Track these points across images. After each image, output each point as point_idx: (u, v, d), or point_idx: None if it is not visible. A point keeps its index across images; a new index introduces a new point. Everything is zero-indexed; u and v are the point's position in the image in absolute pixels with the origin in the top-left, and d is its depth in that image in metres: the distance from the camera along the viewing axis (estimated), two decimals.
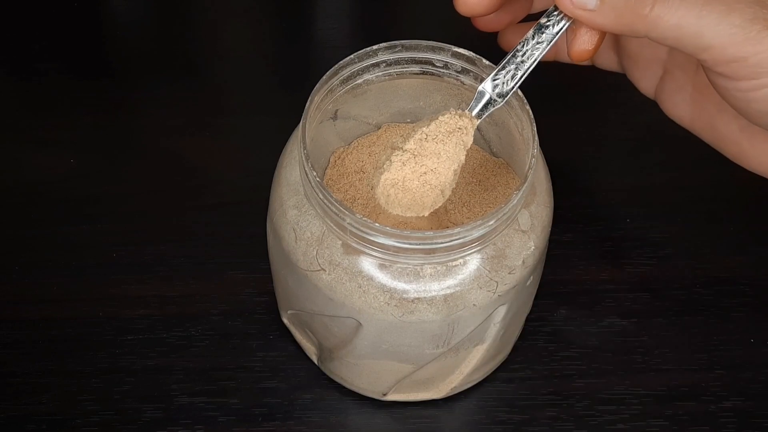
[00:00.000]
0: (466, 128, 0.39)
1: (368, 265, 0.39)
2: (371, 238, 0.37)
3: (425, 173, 0.39)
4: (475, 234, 0.37)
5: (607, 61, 0.45)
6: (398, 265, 0.38)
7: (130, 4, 0.64)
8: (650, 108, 0.51)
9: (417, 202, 0.39)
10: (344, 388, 0.47)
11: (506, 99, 0.39)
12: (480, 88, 0.39)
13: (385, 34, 0.63)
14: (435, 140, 0.39)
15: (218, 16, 0.63)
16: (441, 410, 0.47)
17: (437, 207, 0.39)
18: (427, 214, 0.39)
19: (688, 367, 0.48)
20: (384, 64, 0.41)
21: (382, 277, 0.39)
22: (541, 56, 0.39)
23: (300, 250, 0.40)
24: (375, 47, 0.41)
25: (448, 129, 0.39)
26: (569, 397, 0.47)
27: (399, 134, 0.43)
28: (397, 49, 0.41)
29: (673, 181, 0.55)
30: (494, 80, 0.39)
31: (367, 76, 0.41)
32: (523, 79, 0.39)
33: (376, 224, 0.36)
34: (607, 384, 0.48)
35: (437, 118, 0.39)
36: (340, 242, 0.39)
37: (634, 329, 0.49)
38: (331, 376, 0.47)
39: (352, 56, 0.41)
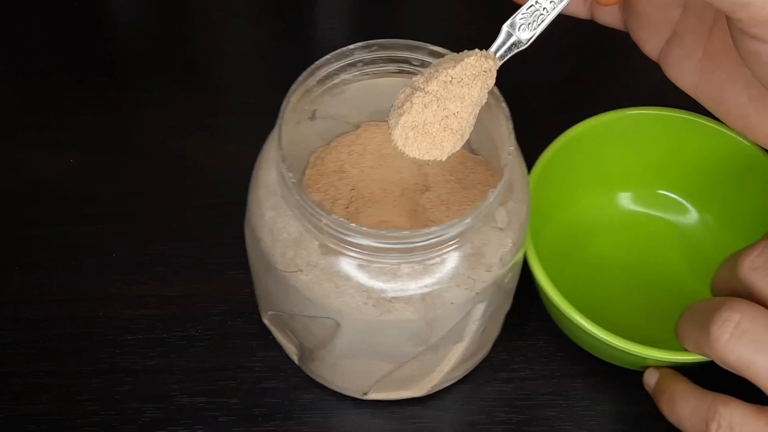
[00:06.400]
0: (490, 70, 0.37)
1: (345, 265, 0.38)
2: (348, 239, 0.37)
3: (447, 117, 0.37)
4: (452, 233, 0.37)
5: (611, 18, 0.43)
6: (375, 265, 0.38)
7: (130, 4, 0.64)
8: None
9: (436, 146, 0.38)
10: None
11: (531, 41, 0.37)
12: (505, 27, 0.37)
13: (385, 34, 0.63)
14: (460, 83, 0.37)
15: (218, 16, 0.63)
16: (442, 411, 0.47)
17: (455, 151, 0.38)
18: (445, 158, 0.38)
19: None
20: (361, 64, 0.41)
21: (360, 277, 0.38)
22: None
23: (278, 251, 0.39)
24: (351, 47, 0.40)
25: (474, 72, 0.37)
26: (569, 397, 0.47)
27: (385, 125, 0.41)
28: (373, 49, 0.41)
29: None
30: (520, 18, 0.37)
31: (344, 76, 0.41)
32: (551, 20, 0.37)
33: (353, 224, 0.36)
34: (607, 384, 0.48)
35: (462, 60, 0.37)
36: (317, 243, 0.38)
37: None
38: (312, 377, 0.47)
39: (328, 56, 0.40)
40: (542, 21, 0.37)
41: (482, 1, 0.63)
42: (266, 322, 0.47)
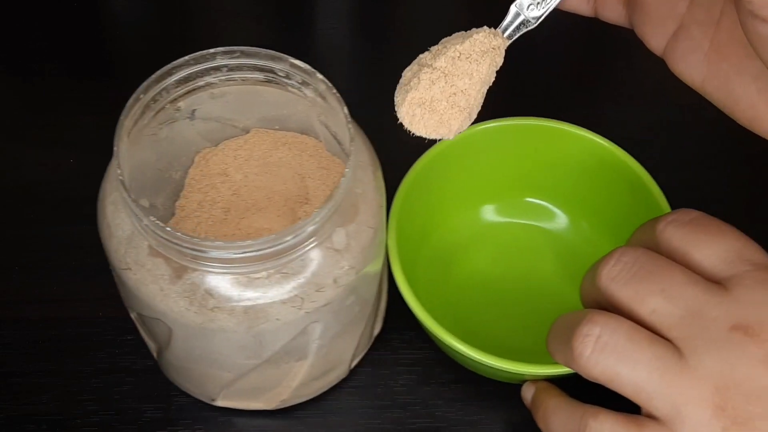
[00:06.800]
0: (499, 48, 0.37)
1: (169, 269, 0.38)
2: (167, 243, 0.36)
3: (455, 94, 0.36)
4: (270, 249, 0.36)
5: (615, 14, 0.42)
6: (198, 272, 0.38)
7: (130, 4, 0.64)
8: (650, 108, 0.51)
9: (443, 124, 0.37)
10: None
11: (540, 21, 0.37)
12: (513, 6, 0.37)
13: (384, 34, 0.63)
14: (469, 59, 0.36)
15: (218, 16, 0.63)
16: (450, 411, 0.47)
17: (463, 130, 0.37)
18: (452, 137, 0.37)
19: None
20: (226, 69, 0.41)
21: (183, 283, 0.38)
22: None
23: (112, 247, 0.39)
24: (212, 50, 0.41)
25: (482, 48, 0.36)
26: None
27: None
28: (235, 55, 0.41)
29: (673, 181, 0.55)
30: None
31: (209, 79, 0.41)
32: (557, 2, 0.37)
33: (168, 228, 0.36)
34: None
35: (471, 36, 0.36)
36: (147, 243, 0.38)
37: None
38: (168, 377, 0.46)
39: (187, 57, 0.41)
40: (548, 1, 0.37)
41: (482, 0, 0.63)
42: (133, 316, 0.46)
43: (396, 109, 0.37)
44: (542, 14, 0.37)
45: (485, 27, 0.37)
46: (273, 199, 0.43)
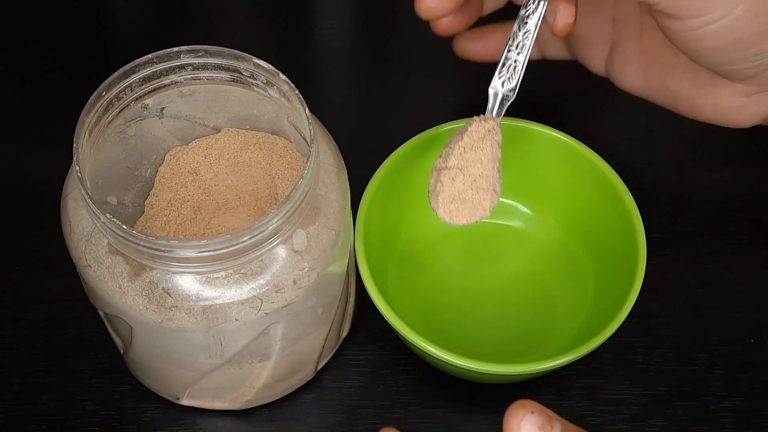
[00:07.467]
0: (493, 128, 0.42)
1: (127, 267, 0.38)
2: (124, 241, 0.36)
3: (474, 181, 0.41)
4: (227, 249, 0.36)
5: (556, 50, 0.47)
6: (156, 272, 0.37)
7: (130, 4, 0.64)
8: (646, 109, 0.51)
9: (477, 208, 0.41)
10: (343, 390, 0.47)
11: (516, 90, 0.42)
12: (490, 90, 0.42)
13: (384, 34, 0.63)
14: (473, 149, 0.41)
15: (218, 16, 0.63)
16: (453, 410, 0.47)
17: (496, 204, 0.42)
18: (489, 214, 0.42)
19: (688, 367, 0.48)
20: (191, 68, 0.41)
21: (141, 281, 0.38)
22: (532, 43, 0.42)
23: (72, 244, 0.39)
24: (176, 49, 0.41)
25: (479, 136, 0.41)
26: (569, 397, 0.47)
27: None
28: (200, 54, 0.41)
29: (672, 182, 0.55)
30: (500, 78, 0.42)
31: (174, 77, 0.41)
32: (524, 68, 0.42)
33: (124, 226, 0.36)
34: (607, 384, 0.48)
35: (467, 130, 0.41)
36: (107, 240, 0.38)
37: (634, 329, 0.49)
38: (134, 375, 0.46)
39: (150, 55, 0.41)
40: (518, 70, 0.42)
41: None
42: (101, 313, 0.46)
43: (435, 212, 0.42)
44: (516, 84, 0.42)
45: (474, 117, 0.42)
46: (243, 199, 0.43)
